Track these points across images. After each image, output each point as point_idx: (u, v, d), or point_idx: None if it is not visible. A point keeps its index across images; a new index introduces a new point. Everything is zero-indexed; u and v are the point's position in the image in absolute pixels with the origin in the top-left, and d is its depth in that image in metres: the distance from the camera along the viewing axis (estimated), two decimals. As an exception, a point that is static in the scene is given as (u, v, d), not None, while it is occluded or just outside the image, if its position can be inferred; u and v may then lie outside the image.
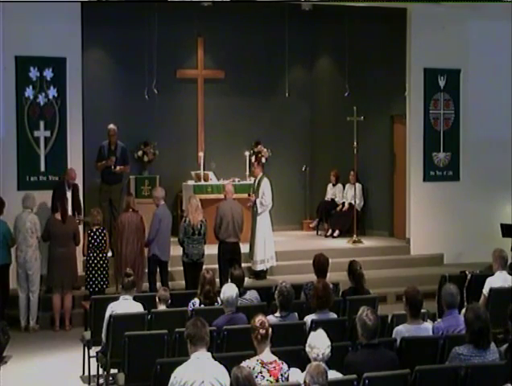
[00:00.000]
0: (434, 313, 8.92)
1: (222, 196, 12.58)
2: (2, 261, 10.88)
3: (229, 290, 7.58)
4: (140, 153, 15.05)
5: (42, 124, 12.10)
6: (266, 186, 12.69)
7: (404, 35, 14.10)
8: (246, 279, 10.60)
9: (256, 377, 5.65)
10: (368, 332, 6.19)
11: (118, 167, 13.00)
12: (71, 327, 11.05)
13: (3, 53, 11.84)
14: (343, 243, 14.45)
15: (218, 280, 11.18)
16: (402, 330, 7.01)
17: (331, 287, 7.90)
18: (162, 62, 14.93)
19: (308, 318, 7.49)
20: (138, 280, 10.69)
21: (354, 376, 5.94)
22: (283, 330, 7.20)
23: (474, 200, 14.13)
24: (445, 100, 14.19)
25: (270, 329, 6.06)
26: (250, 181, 13.93)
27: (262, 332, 5.96)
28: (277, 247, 13.00)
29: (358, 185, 15.18)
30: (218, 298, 8.18)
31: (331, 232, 15.30)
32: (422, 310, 7.14)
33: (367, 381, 5.90)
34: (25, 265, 10.99)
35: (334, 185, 15.86)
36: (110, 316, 8.03)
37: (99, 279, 11.16)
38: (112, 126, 13.13)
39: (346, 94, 15.51)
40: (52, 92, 12.12)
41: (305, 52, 16.47)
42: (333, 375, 5.82)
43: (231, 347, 7.10)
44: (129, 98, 14.94)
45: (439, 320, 7.50)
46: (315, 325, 7.12)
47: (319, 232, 15.74)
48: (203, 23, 15.23)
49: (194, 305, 8.26)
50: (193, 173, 14.77)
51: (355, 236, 14.40)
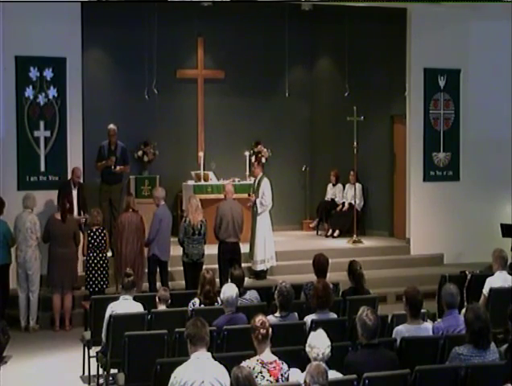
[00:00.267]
0: (434, 313, 8.93)
1: (222, 196, 12.58)
2: (2, 261, 10.88)
3: (229, 290, 7.58)
4: (140, 153, 15.05)
5: (42, 124, 12.10)
6: (266, 186, 12.69)
7: (404, 35, 14.10)
8: (246, 279, 10.60)
9: (256, 377, 5.65)
10: (368, 332, 6.19)
11: (118, 167, 13.00)
12: (71, 327, 11.05)
13: (3, 53, 11.84)
14: (343, 243, 14.45)
15: (218, 280, 11.18)
16: (402, 330, 7.01)
17: (331, 287, 7.90)
18: (162, 62, 14.93)
19: (308, 318, 7.49)
20: (138, 280, 10.69)
21: (354, 376, 5.94)
22: (283, 330, 7.20)
23: (474, 200, 14.14)
24: (445, 100, 14.20)
25: (270, 329, 6.07)
26: (250, 181, 13.93)
27: (263, 332, 5.97)
28: (277, 247, 13.00)
29: (358, 185, 15.18)
30: (218, 298, 8.18)
31: (331, 232, 15.29)
32: (422, 310, 7.14)
33: (367, 381, 5.90)
34: (25, 265, 10.99)
35: (334, 185, 15.85)
36: (110, 316, 8.03)
37: (99, 279, 11.16)
38: (112, 126, 13.13)
39: (346, 94, 15.51)
40: (52, 92, 12.13)
41: (305, 52, 16.46)
42: (333, 375, 5.81)
43: (231, 347, 7.10)
44: (129, 98, 14.94)
45: (439, 320, 7.50)
46: (315, 325, 7.12)
47: (319, 232, 15.74)
48: (203, 23, 15.23)
49: (194, 305, 8.26)
50: (193, 173, 14.76)
51: (355, 236, 14.40)
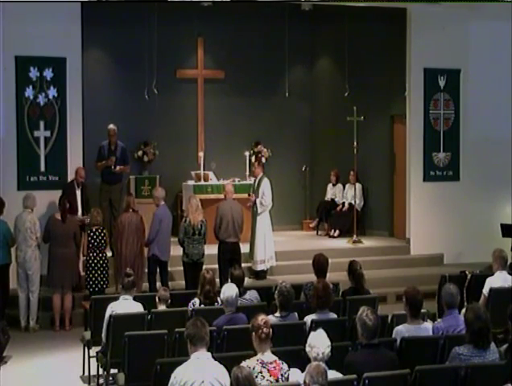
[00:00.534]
0: (434, 313, 8.92)
1: (222, 196, 12.58)
2: (2, 261, 10.88)
3: (229, 290, 7.58)
4: (140, 153, 15.04)
5: (42, 124, 12.10)
6: (266, 186, 12.68)
7: (404, 35, 14.10)
8: (246, 279, 10.60)
9: (256, 377, 5.64)
10: (368, 332, 6.19)
11: (118, 167, 13.00)
12: (71, 327, 11.05)
13: (3, 53, 11.84)
14: (343, 243, 14.44)
15: (218, 280, 11.18)
16: (402, 330, 7.01)
17: (331, 287, 7.90)
18: (162, 62, 14.93)
19: (308, 318, 7.49)
20: (138, 280, 10.69)
21: (354, 376, 5.94)
22: (283, 330, 7.19)
23: (474, 200, 14.14)
24: (445, 100, 14.19)
25: (271, 329, 6.07)
26: (250, 181, 13.92)
27: (266, 331, 5.96)
28: (277, 247, 12.99)
29: (358, 185, 15.18)
30: (218, 298, 8.18)
31: (331, 232, 15.31)
32: (422, 310, 7.14)
33: (367, 381, 5.90)
34: (25, 265, 10.99)
35: (334, 185, 15.85)
36: (110, 316, 8.03)
37: (99, 279, 11.15)
38: (112, 126, 13.13)
39: (346, 94, 15.51)
40: (52, 92, 12.13)
41: (305, 52, 16.46)
42: (333, 375, 5.81)
43: (231, 347, 7.10)
44: (129, 98, 14.94)
45: (439, 320, 7.50)
46: (315, 325, 7.12)
47: (319, 232, 15.74)
48: (203, 23, 15.23)
49: (194, 305, 8.26)
50: (193, 173, 14.76)
51: (355, 236, 14.39)
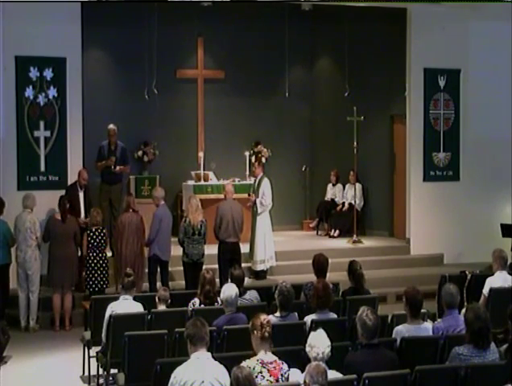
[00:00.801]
0: (434, 313, 8.92)
1: (222, 196, 12.58)
2: (2, 261, 10.89)
3: (229, 290, 7.58)
4: (140, 153, 15.04)
5: (42, 124, 12.10)
6: (266, 186, 12.68)
7: (404, 35, 14.10)
8: (246, 279, 10.59)
9: (256, 377, 5.64)
10: (368, 332, 6.19)
11: (118, 167, 12.99)
12: (71, 327, 11.05)
13: (3, 53, 11.84)
14: (343, 243, 14.44)
15: (218, 280, 11.18)
16: (402, 330, 7.00)
17: (331, 287, 7.90)
18: (162, 62, 14.92)
19: (308, 318, 7.49)
20: (138, 280, 10.69)
21: (354, 376, 5.94)
22: (283, 330, 7.19)
23: (474, 200, 14.14)
24: (445, 100, 14.19)
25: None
26: (250, 181, 13.92)
27: (269, 330, 5.96)
28: (277, 247, 12.99)
29: (358, 185, 15.17)
30: (218, 298, 8.18)
31: (331, 232, 15.30)
32: (422, 310, 7.14)
33: (367, 381, 5.90)
34: (25, 265, 10.99)
35: (334, 185, 15.85)
36: (110, 316, 8.03)
37: (99, 279, 11.15)
38: (112, 126, 13.12)
39: (346, 94, 15.51)
40: (52, 92, 12.13)
41: (305, 52, 16.46)
42: (333, 375, 5.81)
43: (231, 347, 7.10)
44: (129, 98, 14.93)
45: (439, 320, 7.50)
46: (315, 325, 7.12)
47: (319, 232, 15.74)
48: (203, 23, 15.22)
49: (194, 305, 8.26)
50: (193, 173, 14.76)
51: (355, 236, 14.39)
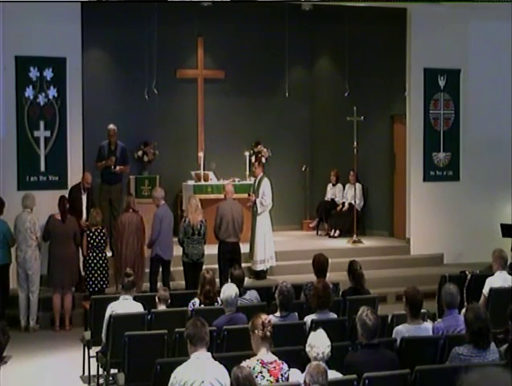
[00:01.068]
0: (434, 313, 8.93)
1: (222, 196, 12.58)
2: (2, 261, 10.89)
3: (229, 290, 7.58)
4: (140, 153, 15.04)
5: (42, 124, 12.10)
6: (266, 186, 12.68)
7: (404, 35, 14.10)
8: (246, 279, 10.60)
9: (256, 377, 5.64)
10: (368, 332, 6.19)
11: (118, 167, 13.00)
12: (71, 327, 11.05)
13: (3, 53, 11.84)
14: (343, 243, 14.45)
15: (218, 280, 11.18)
16: (402, 330, 7.00)
17: (331, 287, 7.90)
18: (162, 62, 14.92)
19: (308, 318, 7.49)
20: (138, 280, 10.69)
21: (354, 376, 5.94)
22: (283, 330, 7.19)
23: (474, 200, 14.14)
24: (445, 100, 14.19)
25: (271, 329, 6.08)
26: (250, 181, 13.93)
27: (270, 330, 5.96)
28: (277, 247, 12.99)
29: (358, 185, 15.17)
30: (218, 298, 8.18)
31: (331, 232, 15.30)
32: (422, 310, 7.14)
33: (367, 381, 5.90)
34: (25, 265, 10.99)
35: (334, 185, 15.85)
36: (110, 316, 8.03)
37: (99, 279, 11.16)
38: (112, 126, 13.13)
39: (346, 94, 15.50)
40: (52, 92, 12.12)
41: (305, 52, 16.46)
42: (333, 375, 5.81)
43: (231, 347, 7.10)
44: (129, 98, 14.94)
45: (439, 320, 7.50)
46: (315, 325, 7.11)
47: (319, 232, 15.74)
48: (203, 23, 15.23)
49: (194, 305, 8.26)
50: (193, 173, 14.76)
51: (355, 236, 14.39)
